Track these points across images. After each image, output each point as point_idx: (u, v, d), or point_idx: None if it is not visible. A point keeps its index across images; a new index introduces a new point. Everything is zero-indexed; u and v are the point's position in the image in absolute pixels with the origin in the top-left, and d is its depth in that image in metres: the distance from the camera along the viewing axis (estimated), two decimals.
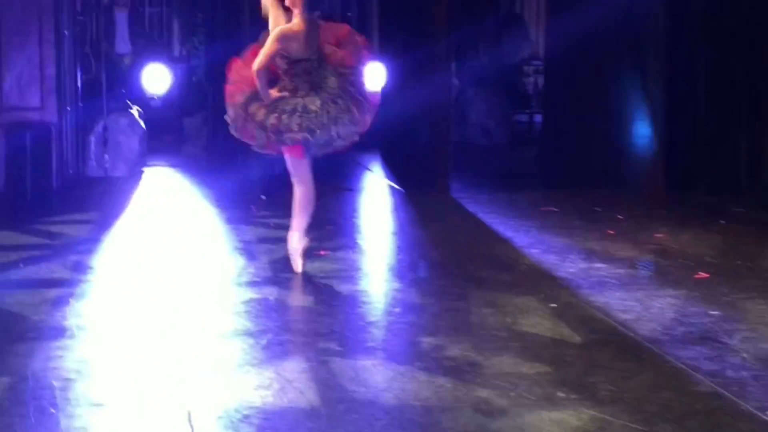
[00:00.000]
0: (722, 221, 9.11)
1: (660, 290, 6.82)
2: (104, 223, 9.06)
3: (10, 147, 10.48)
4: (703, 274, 7.19)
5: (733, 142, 10.37)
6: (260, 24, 13.29)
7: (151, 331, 5.92)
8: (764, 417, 4.50)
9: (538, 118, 15.49)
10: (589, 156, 11.84)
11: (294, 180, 7.08)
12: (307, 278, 7.04)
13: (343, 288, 6.85)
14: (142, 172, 12.09)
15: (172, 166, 12.59)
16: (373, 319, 6.18)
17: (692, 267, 7.43)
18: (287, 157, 7.02)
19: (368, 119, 7.03)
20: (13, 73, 10.77)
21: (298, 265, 7.11)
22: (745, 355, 5.42)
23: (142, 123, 12.37)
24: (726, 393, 4.83)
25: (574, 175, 11.54)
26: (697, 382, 5.02)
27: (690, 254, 7.90)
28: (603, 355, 5.46)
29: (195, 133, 13.72)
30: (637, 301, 6.54)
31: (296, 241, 7.13)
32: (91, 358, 5.39)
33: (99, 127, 11.92)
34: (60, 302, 6.45)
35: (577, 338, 5.79)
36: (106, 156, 11.87)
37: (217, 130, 12.42)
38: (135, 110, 12.50)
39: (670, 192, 10.67)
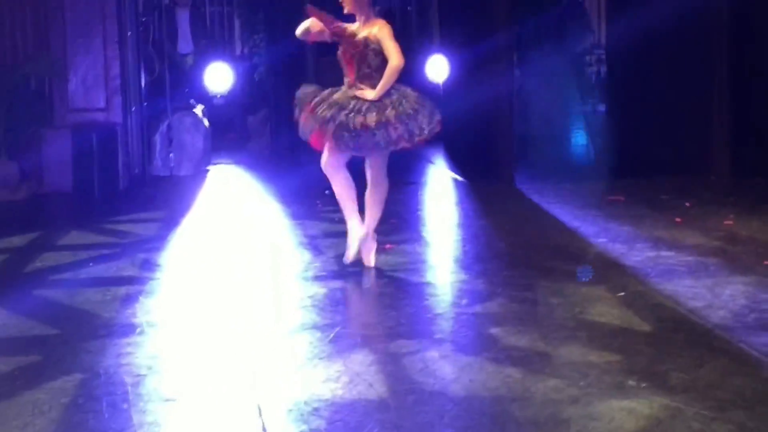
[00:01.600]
0: None
1: (730, 277, 6.74)
2: (171, 221, 9.15)
3: (77, 148, 10.63)
4: None
5: None
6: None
7: (220, 326, 5.97)
8: None
9: (601, 107, 15.37)
10: (654, 144, 11.74)
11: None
12: (373, 271, 7.05)
13: (410, 280, 6.85)
14: (206, 170, 12.18)
15: (237, 163, 12.67)
16: (440, 311, 6.17)
17: (762, 253, 7.33)
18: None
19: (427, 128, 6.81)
20: (78, 75, 10.92)
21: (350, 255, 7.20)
22: None
23: (205, 121, 12.47)
24: None
25: (639, 164, 11.45)
26: None
27: (760, 240, 7.80)
28: (673, 342, 5.40)
29: (258, 131, 13.81)
30: (707, 288, 6.47)
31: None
32: (162, 354, 5.44)
33: (164, 127, 12.04)
34: (130, 300, 6.52)
35: (646, 326, 5.74)
36: (171, 155, 11.99)
37: (280, 126, 12.52)
38: (198, 109, 12.60)
39: (738, 178, 10.54)
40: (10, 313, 6.26)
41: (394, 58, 6.60)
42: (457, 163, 11.95)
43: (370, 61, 6.72)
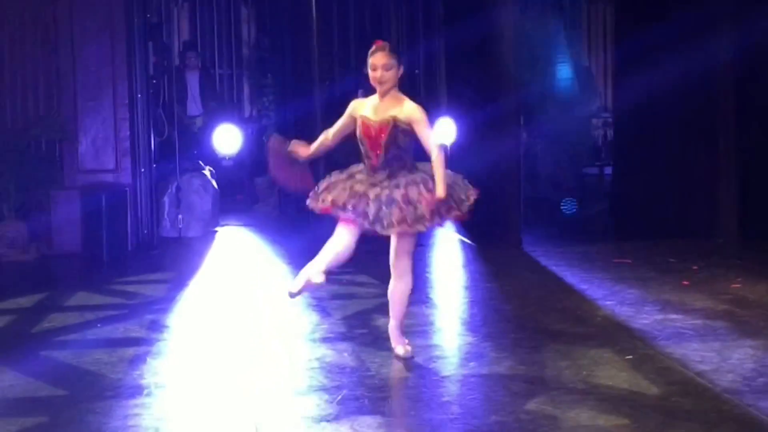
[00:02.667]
0: None
1: (738, 341, 6.72)
2: (179, 282, 9.16)
3: (86, 209, 10.67)
4: None
5: None
6: (328, 82, 13.47)
7: (227, 388, 5.96)
8: None
9: (608, 170, 15.42)
10: (661, 207, 11.76)
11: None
12: (380, 334, 7.04)
13: (417, 342, 6.84)
14: (215, 231, 12.21)
15: (245, 225, 12.70)
16: (447, 373, 6.16)
17: None
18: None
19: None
20: (88, 137, 11.00)
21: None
22: None
23: (214, 183, 12.53)
24: None
25: (646, 227, 11.46)
26: None
27: (767, 304, 7.78)
28: (681, 406, 5.39)
29: (266, 192, 13.86)
30: (715, 351, 6.45)
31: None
32: (169, 416, 5.43)
33: (172, 188, 12.09)
34: (137, 361, 6.52)
35: (654, 390, 5.72)
36: (180, 216, 12.03)
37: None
38: (207, 170, 12.66)
39: (745, 241, 10.54)
40: (17, 374, 6.26)
41: (435, 143, 5.99)
42: (464, 225, 11.97)
43: (400, 143, 6.05)
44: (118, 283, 9.24)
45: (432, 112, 14.73)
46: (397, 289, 6.32)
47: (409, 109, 6.05)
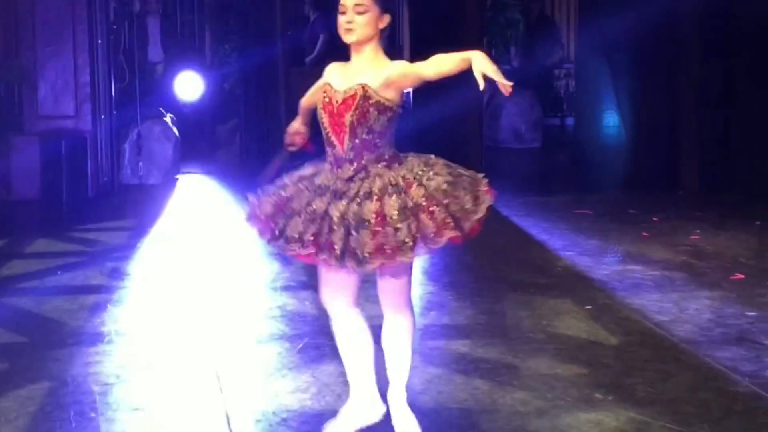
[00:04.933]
0: (758, 222, 9.04)
1: (696, 292, 6.79)
2: (140, 230, 9.12)
3: (46, 155, 10.58)
4: (739, 276, 7.16)
5: None
6: (293, 30, 13.38)
7: (188, 336, 5.96)
8: None
9: (569, 121, 15.47)
10: (622, 158, 11.82)
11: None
12: None
13: (377, 292, 6.84)
14: (176, 179, 12.15)
15: (206, 173, 12.64)
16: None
17: (728, 268, 7.39)
18: None
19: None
20: (47, 82, 10.87)
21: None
22: None
23: (175, 130, 12.45)
24: (764, 393, 4.81)
25: (607, 178, 11.52)
26: (735, 382, 5.00)
27: (726, 256, 7.86)
28: (640, 356, 5.45)
29: (228, 140, 13.79)
30: (673, 302, 6.52)
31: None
32: (130, 363, 5.43)
33: (133, 135, 12.00)
34: (98, 308, 6.50)
35: (613, 340, 5.78)
36: (141, 164, 11.95)
37: (250, 136, 12.51)
38: (168, 117, 12.57)
39: (705, 194, 10.62)
40: None
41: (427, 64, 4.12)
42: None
43: (373, 123, 4.10)
44: (78, 230, 9.19)
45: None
46: (394, 331, 4.35)
47: (389, 69, 4.13)
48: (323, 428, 4.34)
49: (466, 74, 3.97)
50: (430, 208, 3.99)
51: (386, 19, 4.20)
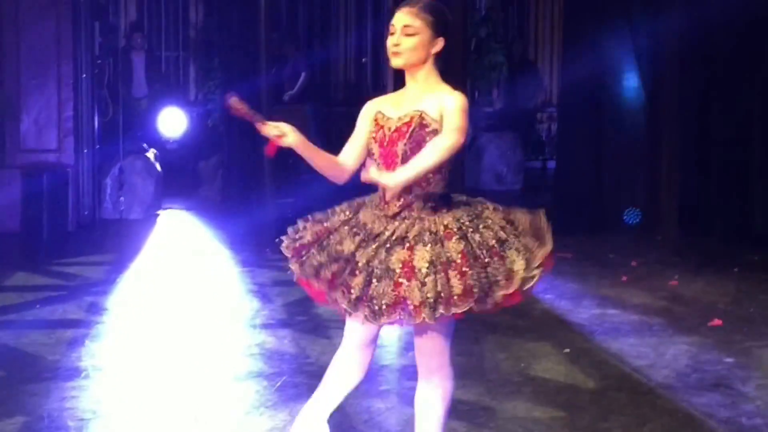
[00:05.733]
0: (736, 269, 9.09)
1: (673, 337, 6.82)
2: (119, 265, 9.10)
3: (27, 189, 10.54)
4: (716, 322, 7.19)
5: (748, 189, 10.38)
6: (276, 68, 13.42)
7: (166, 372, 5.95)
8: None
9: (551, 164, 15.53)
10: (602, 202, 11.87)
11: None
12: (321, 322, 7.06)
13: None
14: (157, 214, 12.14)
15: (188, 209, 12.64)
16: (386, 362, 6.19)
17: (706, 314, 7.43)
18: None
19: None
20: (31, 115, 10.87)
21: None
22: (759, 402, 5.42)
23: (158, 166, 12.45)
24: None
25: (587, 222, 11.57)
26: (712, 429, 5.02)
27: (703, 301, 7.90)
28: (616, 401, 5.46)
29: (210, 176, 13.81)
30: (651, 347, 6.54)
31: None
32: (107, 398, 5.42)
33: (115, 170, 12.00)
34: (75, 343, 6.49)
35: (590, 384, 5.79)
36: (122, 198, 11.94)
37: (232, 173, 12.52)
38: (151, 153, 12.58)
39: (684, 238, 10.67)
40: None
41: (455, 132, 3.62)
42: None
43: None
44: (58, 265, 9.17)
45: None
46: (423, 398, 3.97)
47: (445, 98, 3.74)
48: None
49: None
50: (463, 268, 3.58)
51: (440, 43, 3.85)
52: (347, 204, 3.93)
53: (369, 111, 3.90)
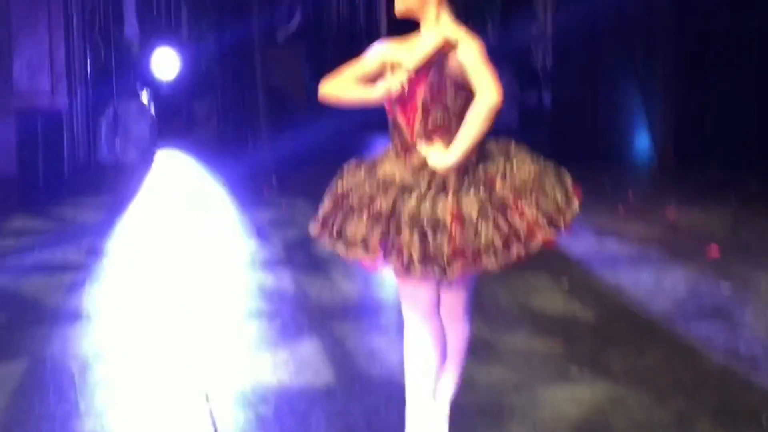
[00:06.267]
0: (733, 196, 9.09)
1: (671, 266, 6.84)
2: (117, 207, 9.10)
3: (22, 132, 10.52)
4: (714, 250, 7.21)
5: (746, 119, 10.36)
6: (270, 7, 13.33)
7: (166, 313, 5.97)
8: None
9: (547, 97, 15.48)
10: (599, 133, 11.86)
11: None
12: (320, 260, 7.08)
13: (357, 268, 6.87)
14: (152, 156, 12.12)
15: (183, 150, 12.62)
16: (386, 298, 6.21)
17: (703, 242, 7.44)
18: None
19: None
20: (23, 58, 10.81)
21: None
22: (756, 329, 5.45)
23: (152, 107, 12.41)
24: (738, 367, 4.86)
25: (585, 153, 11.56)
26: (710, 356, 5.04)
27: (700, 230, 7.92)
28: (615, 331, 5.49)
29: (204, 117, 13.77)
30: (649, 277, 6.57)
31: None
32: (108, 341, 5.44)
33: (109, 113, 11.96)
34: (76, 286, 6.50)
35: (589, 315, 5.82)
36: (117, 141, 11.91)
37: (227, 113, 12.48)
38: (144, 95, 12.53)
39: (681, 168, 10.67)
40: None
41: (489, 90, 3.39)
42: None
43: (448, 102, 3.48)
44: (56, 207, 9.17)
45: (371, 35, 14.76)
46: (451, 342, 3.79)
47: (463, 47, 3.44)
48: None
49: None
50: (519, 205, 3.41)
51: None
52: (355, 163, 3.61)
53: (382, 53, 3.61)
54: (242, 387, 4.68)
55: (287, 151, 10.72)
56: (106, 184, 10.48)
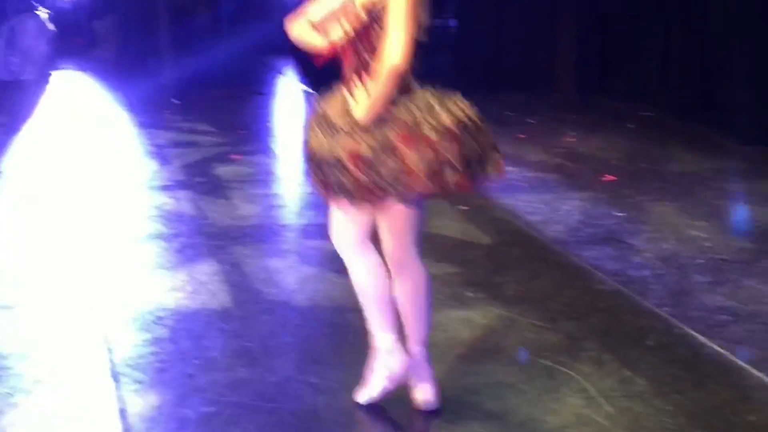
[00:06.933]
0: (630, 125, 9.24)
1: (567, 193, 6.95)
2: (13, 127, 8.92)
3: None
4: (609, 177, 7.34)
5: (645, 49, 10.49)
6: None
7: (63, 234, 5.91)
8: (662, 313, 4.66)
9: (452, 22, 15.47)
10: (502, 60, 11.93)
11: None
12: (220, 183, 7.06)
13: (257, 192, 6.87)
14: (50, 75, 11.87)
15: (82, 70, 12.40)
16: (286, 222, 6.23)
17: (599, 170, 7.57)
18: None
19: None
20: None
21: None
22: (647, 254, 5.58)
23: (50, 25, 12.14)
24: (627, 291, 4.98)
25: (488, 80, 11.62)
26: (601, 281, 5.16)
27: (598, 158, 8.05)
28: (510, 255, 5.58)
29: (105, 37, 13.53)
30: (545, 203, 6.67)
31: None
32: (2, 260, 5.38)
33: (5, 29, 11.66)
34: None
35: (485, 239, 5.90)
36: (13, 59, 11.64)
37: (129, 33, 12.27)
38: (43, 12, 12.25)
39: (581, 97, 10.80)
40: None
41: (392, 52, 3.44)
42: (306, 74, 11.93)
43: (376, 44, 3.50)
44: None
45: None
46: (405, 288, 3.76)
47: None
48: (357, 398, 3.73)
49: None
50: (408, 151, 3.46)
51: None
52: (315, 110, 3.70)
53: None
54: (139, 308, 4.67)
55: (189, 72, 10.61)
56: (2, 103, 10.25)
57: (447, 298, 4.86)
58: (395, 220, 3.67)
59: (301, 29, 3.68)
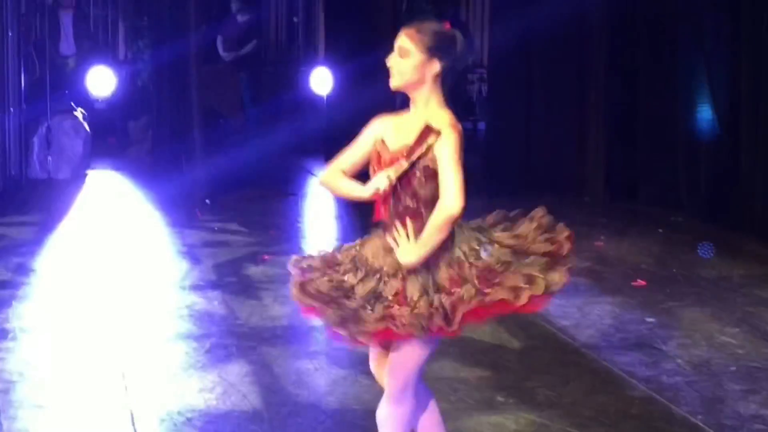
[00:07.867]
0: (660, 230, 9.24)
1: (598, 297, 6.93)
2: (47, 225, 9.02)
3: None
4: (640, 282, 7.32)
5: (674, 157, 10.52)
6: (207, 27, 13.33)
7: (94, 334, 5.94)
8: (696, 421, 4.62)
9: (482, 125, 15.61)
10: (530, 163, 11.98)
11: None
12: (251, 283, 7.08)
13: (286, 293, 6.86)
14: (85, 174, 12.03)
15: (117, 169, 12.54)
16: (316, 323, 6.22)
17: (630, 274, 7.56)
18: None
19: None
20: None
21: None
22: (679, 361, 5.55)
23: (86, 125, 12.32)
24: (660, 398, 4.95)
25: (517, 183, 11.67)
26: (633, 387, 5.13)
27: (628, 262, 8.03)
28: (541, 360, 5.56)
29: (139, 137, 13.70)
30: (576, 307, 6.65)
31: None
32: (34, 360, 5.40)
33: (42, 129, 11.85)
34: (2, 304, 6.44)
35: (516, 343, 5.88)
36: (50, 158, 11.81)
37: (162, 133, 12.43)
38: (79, 112, 12.45)
39: (610, 200, 10.82)
40: None
41: (450, 199, 3.49)
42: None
43: (418, 189, 3.60)
44: None
45: (310, 62, 14.82)
46: (378, 416, 3.82)
47: (444, 135, 3.57)
48: None
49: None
50: (453, 290, 3.52)
51: (435, 65, 3.63)
52: (360, 239, 3.84)
53: (375, 132, 3.79)
54: (169, 409, 4.67)
55: (221, 172, 10.71)
56: (37, 202, 10.37)
57: (477, 402, 4.84)
58: (404, 351, 3.67)
59: (330, 177, 3.81)
